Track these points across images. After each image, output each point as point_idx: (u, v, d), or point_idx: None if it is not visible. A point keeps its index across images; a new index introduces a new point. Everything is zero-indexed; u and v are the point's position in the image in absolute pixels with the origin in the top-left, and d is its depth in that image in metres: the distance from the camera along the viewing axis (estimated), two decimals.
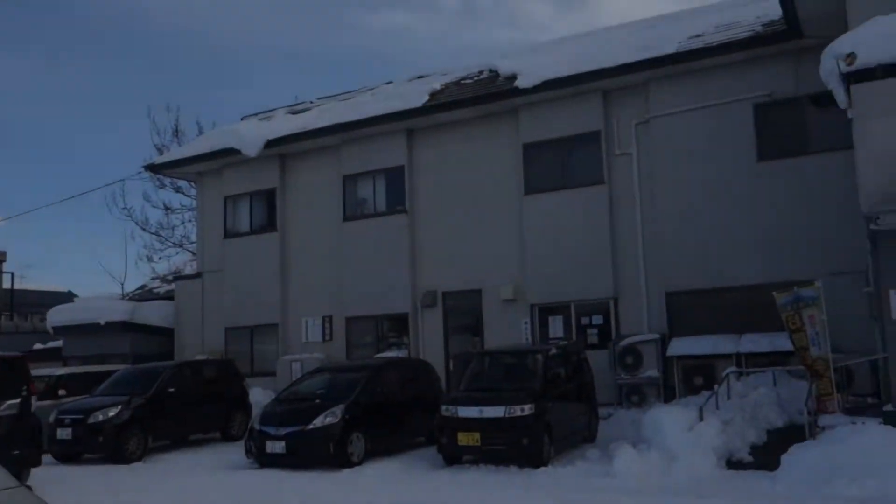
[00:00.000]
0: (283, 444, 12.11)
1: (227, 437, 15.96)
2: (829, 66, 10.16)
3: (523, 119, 17.99)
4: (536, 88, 17.32)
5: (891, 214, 9.95)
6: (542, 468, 11.10)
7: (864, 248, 12.65)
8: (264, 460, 12.33)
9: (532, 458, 11.23)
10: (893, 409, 10.61)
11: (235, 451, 13.94)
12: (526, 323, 17.65)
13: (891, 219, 10.15)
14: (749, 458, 10.96)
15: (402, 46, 69.42)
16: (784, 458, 9.72)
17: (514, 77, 18.02)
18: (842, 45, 9.91)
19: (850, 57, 9.38)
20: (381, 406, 12.96)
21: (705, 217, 15.92)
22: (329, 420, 12.08)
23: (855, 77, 9.95)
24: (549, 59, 18.45)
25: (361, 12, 70.51)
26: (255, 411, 14.83)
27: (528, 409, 11.23)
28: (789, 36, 14.78)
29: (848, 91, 10.11)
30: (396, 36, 69.68)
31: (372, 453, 12.59)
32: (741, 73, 15.85)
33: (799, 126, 15.36)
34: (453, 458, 11.93)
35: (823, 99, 12.23)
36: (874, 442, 9.04)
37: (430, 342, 18.72)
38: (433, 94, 19.40)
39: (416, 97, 19.28)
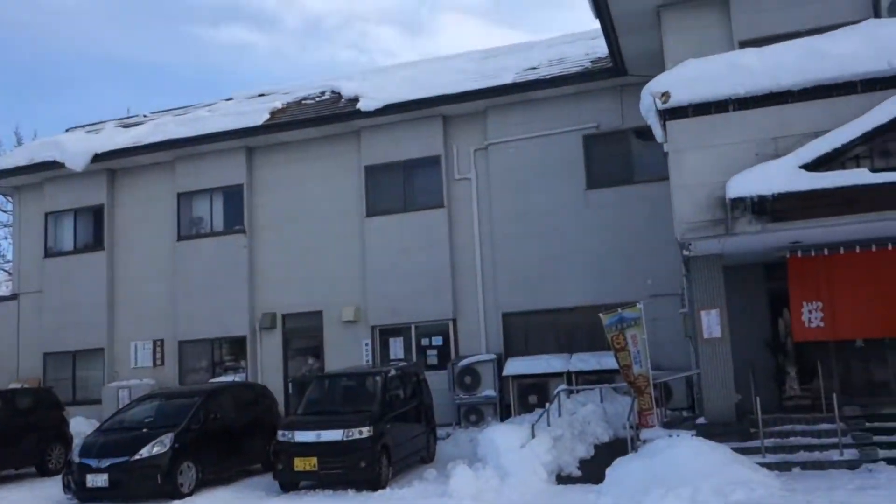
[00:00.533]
0: (105, 477, 11.38)
1: (44, 472, 14.83)
2: (648, 102, 10.95)
3: (365, 141, 18.10)
4: (379, 111, 17.50)
5: (701, 241, 10.77)
6: (380, 491, 11.11)
7: (681, 273, 13.76)
8: (84, 495, 11.55)
9: (370, 482, 11.21)
10: (705, 421, 11.49)
11: (53, 486, 12.98)
12: (367, 344, 17.66)
13: (702, 245, 11.02)
14: (578, 473, 11.46)
15: (242, 63, 67.80)
16: (608, 471, 10.23)
17: (356, 99, 18.12)
18: (658, 84, 10.72)
19: (665, 95, 10.17)
20: (215, 433, 12.50)
21: (539, 241, 16.64)
22: (157, 450, 11.50)
23: (669, 114, 10.80)
24: (391, 82, 18.70)
25: (201, 26, 68.33)
26: (77, 442, 13.88)
27: (366, 431, 11.22)
28: (615, 73, 15.79)
29: (664, 126, 10.93)
30: (237, 52, 68.03)
31: (204, 483, 12.11)
32: (572, 106, 16.75)
33: (625, 157, 16.41)
34: (290, 484, 11.70)
35: (645, 133, 13.08)
36: (687, 453, 9.71)
37: (268, 365, 18.32)
38: (274, 113, 19.13)
39: (257, 115, 18.93)
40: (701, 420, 11.66)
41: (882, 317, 11.50)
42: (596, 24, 14.18)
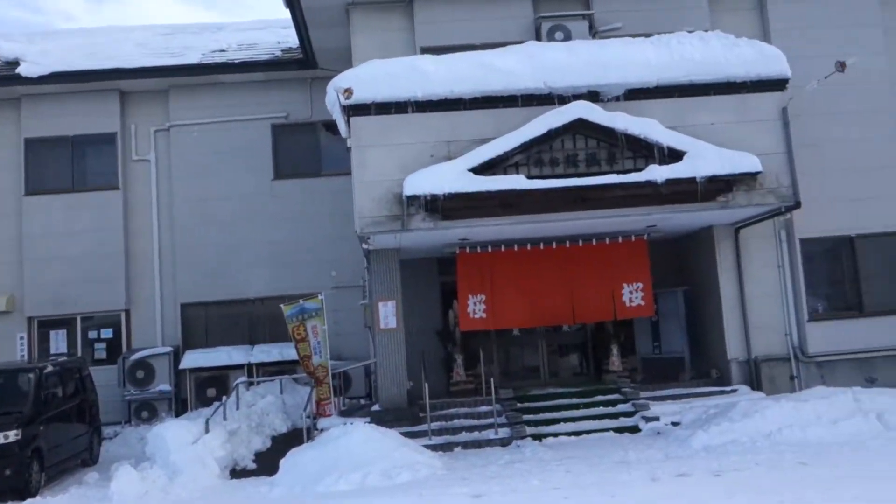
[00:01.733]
0: None
1: None
2: (333, 97, 11.18)
3: (27, 111, 16.31)
4: (43, 79, 15.83)
5: (379, 235, 11.25)
6: (30, 500, 10.09)
7: (363, 265, 14.26)
8: None
9: (18, 490, 10.14)
10: (380, 408, 12.04)
11: None
12: (22, 338, 15.92)
13: (380, 239, 11.52)
14: (253, 466, 11.37)
15: None
16: (283, 462, 10.28)
17: (16, 63, 16.23)
18: (343, 80, 10.98)
19: (348, 91, 10.44)
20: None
21: (222, 230, 16.23)
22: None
23: (353, 110, 11.13)
24: (61, 48, 16.99)
25: None
26: None
27: (12, 435, 10.12)
28: (305, 65, 15.87)
29: (348, 122, 11.23)
30: None
31: None
32: (261, 93, 16.54)
33: (313, 149, 16.56)
34: None
35: (333, 126, 13.33)
36: (359, 440, 10.08)
37: None
38: None
39: None
40: (376, 407, 12.20)
41: (536, 308, 12.89)
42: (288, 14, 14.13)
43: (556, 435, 11.33)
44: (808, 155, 12.45)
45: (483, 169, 10.90)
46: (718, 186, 11.28)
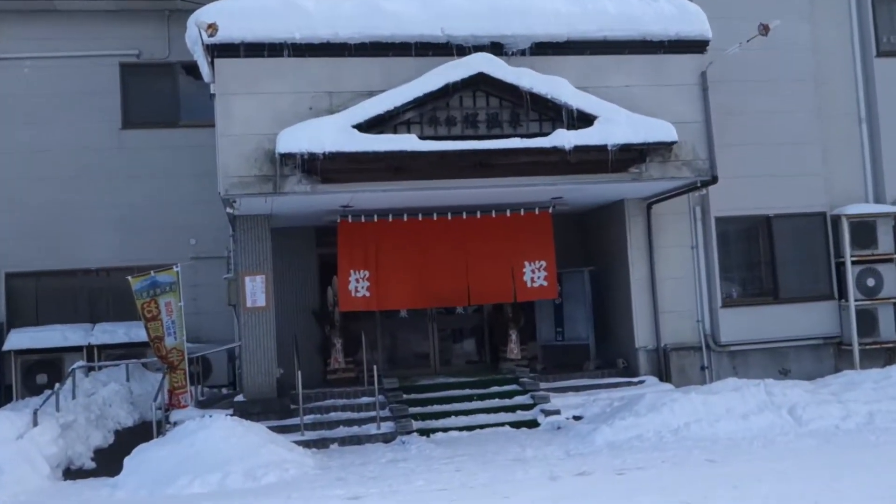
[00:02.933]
0: None
1: None
2: (194, 34, 10.80)
3: None
4: None
5: (247, 199, 11.02)
6: None
7: (227, 233, 13.98)
8: None
9: None
10: (244, 399, 11.85)
11: None
12: None
13: (248, 203, 11.28)
14: (92, 465, 11.06)
15: None
16: (127, 460, 9.98)
17: None
18: (206, 13, 10.58)
19: (212, 27, 10.06)
20: None
21: (58, 186, 15.64)
22: None
23: (218, 51, 10.78)
24: None
25: None
26: None
27: None
28: None
29: (212, 64, 10.90)
30: None
31: None
32: (109, 26, 15.89)
33: (171, 95, 16.15)
34: None
35: (195, 69, 12.92)
36: (219, 435, 9.88)
37: None
38: None
39: None
40: (240, 398, 12.05)
41: (427, 287, 12.99)
42: None
43: (445, 430, 11.46)
44: (727, 125, 12.82)
45: (370, 126, 10.83)
46: (631, 156, 11.55)
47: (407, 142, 10.81)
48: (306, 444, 10.85)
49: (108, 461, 10.91)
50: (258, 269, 12.01)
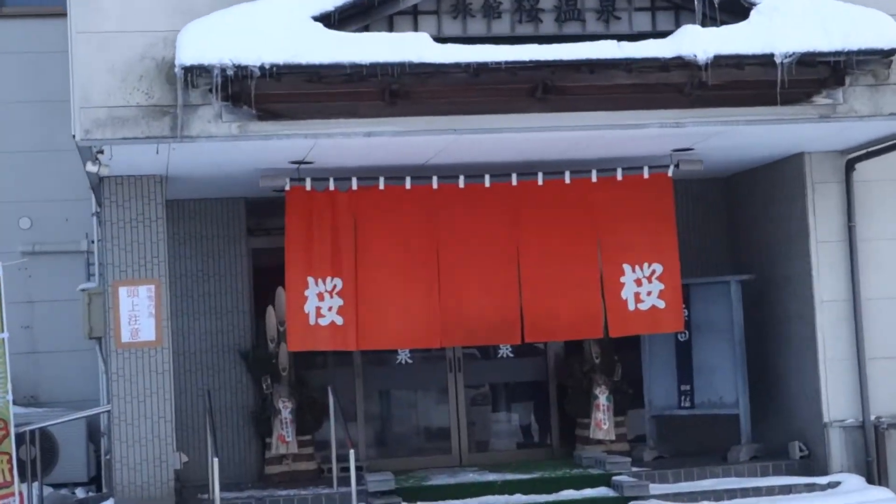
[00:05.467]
0: None
1: None
2: None
3: None
4: None
5: (124, 147, 10.88)
6: None
7: (87, 210, 13.84)
8: None
9: None
10: None
11: None
12: None
13: (125, 155, 11.20)
14: None
15: None
16: None
17: None
18: None
19: None
20: None
21: None
22: None
23: None
24: None
25: None
26: None
27: None
28: None
29: None
30: None
31: None
32: None
33: None
34: None
35: None
36: None
37: None
38: None
39: None
40: None
41: (444, 312, 12.91)
42: None
43: None
44: None
45: (346, 17, 10.72)
46: (818, 74, 11.44)
47: (414, 46, 10.60)
48: None
49: None
50: (143, 274, 11.97)
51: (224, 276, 14.02)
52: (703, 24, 11.07)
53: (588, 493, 12.61)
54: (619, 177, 12.99)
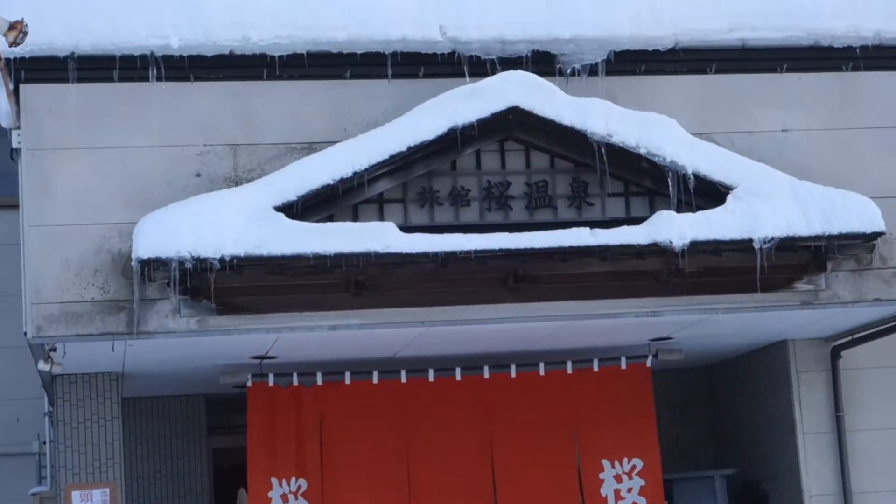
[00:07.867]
0: None
1: None
2: None
3: None
4: None
5: (77, 345, 10.72)
6: None
7: (38, 409, 13.72)
8: None
9: None
10: None
11: None
12: None
13: (79, 354, 11.04)
14: None
15: None
16: None
17: None
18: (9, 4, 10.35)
19: (15, 29, 9.72)
20: None
21: None
22: None
23: (28, 69, 10.63)
24: None
25: None
26: None
27: None
28: None
29: (16, 93, 10.82)
30: None
31: None
32: None
33: None
34: None
35: None
36: None
37: None
38: None
39: None
40: None
41: None
42: None
43: None
44: None
45: (309, 207, 10.67)
46: (798, 260, 11.45)
47: (379, 236, 10.54)
48: None
49: None
50: (98, 477, 11.72)
51: (182, 477, 13.84)
52: (679, 210, 11.05)
53: None
54: (596, 368, 12.93)
